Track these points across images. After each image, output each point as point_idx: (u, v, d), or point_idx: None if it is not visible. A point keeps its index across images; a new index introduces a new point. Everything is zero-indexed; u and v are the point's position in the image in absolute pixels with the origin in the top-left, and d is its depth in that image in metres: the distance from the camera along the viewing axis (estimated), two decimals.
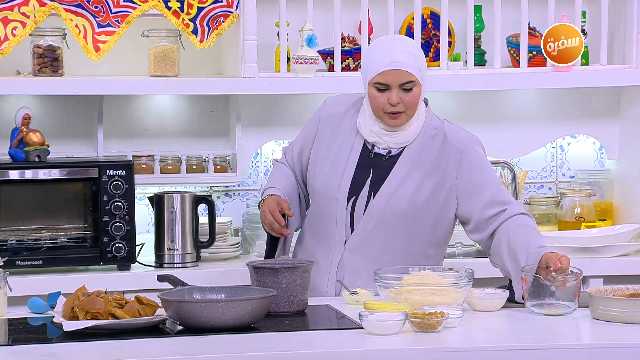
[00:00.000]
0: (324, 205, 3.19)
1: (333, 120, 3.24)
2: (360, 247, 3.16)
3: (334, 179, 3.18)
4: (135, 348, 2.59)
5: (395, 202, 3.14)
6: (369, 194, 3.15)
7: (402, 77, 3.09)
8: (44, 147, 3.87)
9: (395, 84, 3.09)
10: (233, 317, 2.70)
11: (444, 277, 2.91)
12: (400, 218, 3.14)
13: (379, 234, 3.15)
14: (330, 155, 3.21)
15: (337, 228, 3.17)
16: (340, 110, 3.25)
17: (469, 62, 4.16)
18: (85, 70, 4.03)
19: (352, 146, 3.19)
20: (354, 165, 3.18)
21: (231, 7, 3.99)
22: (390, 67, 3.08)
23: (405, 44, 3.15)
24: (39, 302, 3.01)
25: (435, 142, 3.18)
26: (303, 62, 4.00)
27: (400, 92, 3.10)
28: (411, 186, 3.15)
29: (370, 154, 3.18)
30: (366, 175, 3.17)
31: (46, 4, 3.86)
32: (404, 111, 3.12)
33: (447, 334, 2.69)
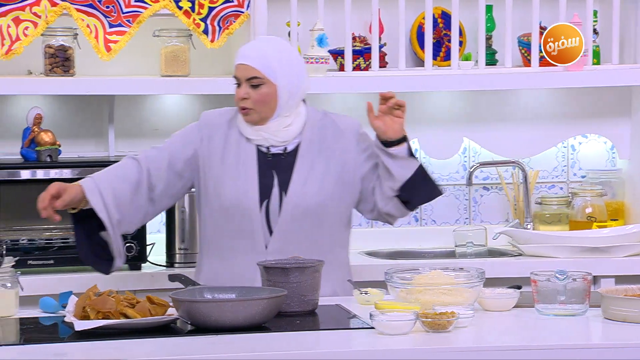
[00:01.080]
0: (235, 216, 3.15)
1: (219, 130, 3.22)
2: (283, 247, 3.16)
3: (240, 188, 3.16)
4: (146, 348, 2.59)
5: (307, 195, 3.16)
6: (280, 194, 3.17)
7: (246, 72, 3.15)
8: (56, 147, 3.88)
9: (242, 78, 3.17)
10: (244, 317, 2.70)
11: (455, 277, 2.91)
12: (315, 210, 3.17)
13: (298, 230, 3.16)
14: (228, 167, 3.18)
15: (255, 234, 3.16)
16: (222, 120, 3.25)
17: (480, 61, 4.15)
18: (97, 70, 4.04)
19: (245, 152, 3.19)
20: (254, 169, 3.17)
21: (242, 6, 3.99)
22: (239, 61, 3.17)
23: (267, 44, 3.21)
24: (51, 301, 3.01)
25: (328, 131, 3.23)
26: (314, 62, 4.00)
27: (248, 88, 3.15)
28: (318, 176, 3.18)
29: (268, 155, 3.19)
30: (272, 177, 3.18)
31: (58, 4, 3.87)
32: (252, 108, 3.15)
33: (458, 333, 2.68)
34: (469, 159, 4.39)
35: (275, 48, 3.19)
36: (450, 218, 4.38)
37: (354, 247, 4.19)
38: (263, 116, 3.16)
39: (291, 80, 3.17)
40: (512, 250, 4.16)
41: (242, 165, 3.18)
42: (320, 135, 3.21)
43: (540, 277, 2.90)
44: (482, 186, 4.42)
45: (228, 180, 3.17)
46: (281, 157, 3.19)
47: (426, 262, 3.89)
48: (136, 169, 3.21)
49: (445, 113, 4.34)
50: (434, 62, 4.20)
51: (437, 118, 4.34)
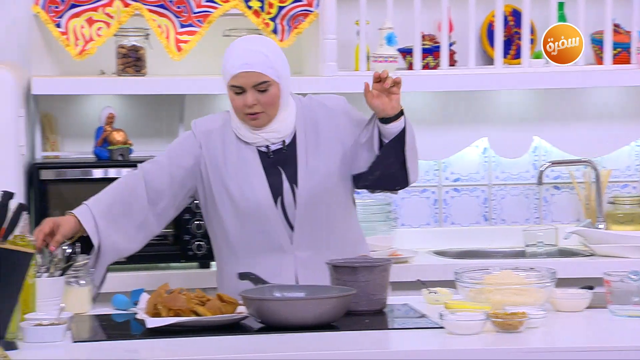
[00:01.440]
0: (253, 218, 3.12)
1: (214, 137, 3.17)
2: (306, 238, 3.14)
3: (252, 191, 3.12)
4: (216, 345, 2.61)
5: (317, 182, 3.14)
6: (292, 188, 3.14)
7: (253, 78, 3.07)
8: (127, 146, 3.93)
9: (248, 86, 3.08)
10: (313, 315, 2.71)
11: (526, 277, 2.88)
12: (327, 194, 3.14)
13: (316, 217, 3.14)
14: (234, 172, 3.14)
15: (278, 233, 3.13)
16: (215, 126, 3.19)
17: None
18: (167, 70, 4.08)
19: (246, 155, 3.15)
20: (260, 169, 3.14)
21: (311, 6, 4.00)
22: (241, 70, 3.07)
23: (259, 45, 3.13)
24: (123, 298, 3.05)
25: (319, 113, 3.19)
26: (382, 61, 3.99)
27: (256, 93, 3.08)
28: (322, 161, 3.15)
29: (269, 154, 3.16)
30: (278, 173, 3.15)
31: (130, 5, 3.91)
32: (263, 111, 3.11)
33: (529, 334, 2.66)
34: (540, 157, 4.34)
35: (267, 47, 3.13)
36: (520, 217, 4.34)
37: (423, 247, 4.20)
38: (271, 117, 3.13)
39: (287, 74, 3.15)
40: (584, 251, 4.10)
41: (248, 168, 3.14)
42: (312, 119, 3.19)
43: (614, 278, 2.86)
44: (553, 185, 4.37)
45: (237, 185, 3.13)
46: (283, 152, 3.17)
47: (496, 262, 3.86)
48: (136, 186, 3.14)
49: (516, 111, 4.30)
50: (504, 60, 4.17)
51: (507, 117, 4.30)
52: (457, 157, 4.32)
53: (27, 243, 2.74)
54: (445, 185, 4.34)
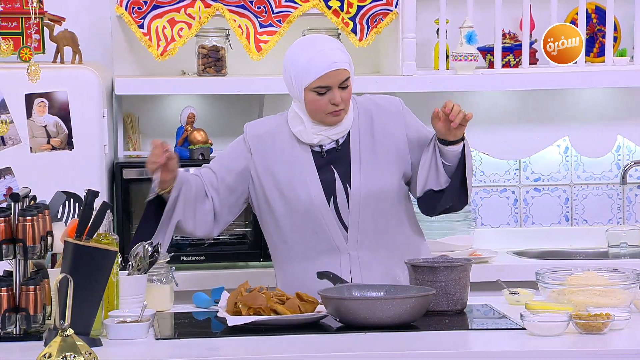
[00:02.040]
0: (307, 218, 3.11)
1: (266, 140, 3.17)
2: (361, 238, 3.12)
3: (305, 191, 3.11)
4: (296, 344, 2.62)
5: (370, 181, 3.12)
6: (345, 187, 3.12)
7: (341, 76, 3.09)
8: (208, 145, 3.96)
9: (336, 84, 3.08)
10: (392, 315, 2.70)
11: (609, 278, 2.84)
12: (381, 193, 3.12)
13: (370, 217, 3.12)
14: (284, 176, 3.14)
15: (332, 233, 3.12)
16: (267, 128, 3.19)
17: (636, 57, 4.04)
18: (247, 69, 4.10)
19: (299, 155, 3.14)
20: (313, 168, 3.13)
21: (391, 5, 3.99)
22: (331, 69, 3.07)
23: (333, 42, 3.14)
24: (204, 297, 3.08)
25: (374, 113, 3.18)
26: (462, 60, 3.96)
27: (340, 92, 3.09)
28: (375, 160, 3.14)
29: (322, 154, 3.14)
30: (331, 172, 3.13)
31: (211, 5, 3.95)
32: (343, 108, 3.11)
33: (613, 336, 2.61)
34: (623, 157, 4.27)
35: (338, 43, 3.17)
36: (602, 217, 4.28)
37: (502, 247, 4.16)
38: (347, 112, 3.16)
39: (353, 70, 3.17)
40: None
41: (301, 168, 3.15)
42: (367, 118, 3.19)
43: None
44: (636, 185, 4.29)
45: (290, 185, 3.14)
46: (336, 151, 3.16)
47: (579, 263, 3.81)
48: (201, 183, 3.18)
49: (598, 110, 4.23)
50: (587, 58, 4.11)
51: (590, 115, 4.24)
52: (537, 157, 4.28)
53: (111, 241, 2.79)
54: (526, 185, 4.29)
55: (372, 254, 3.12)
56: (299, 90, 3.13)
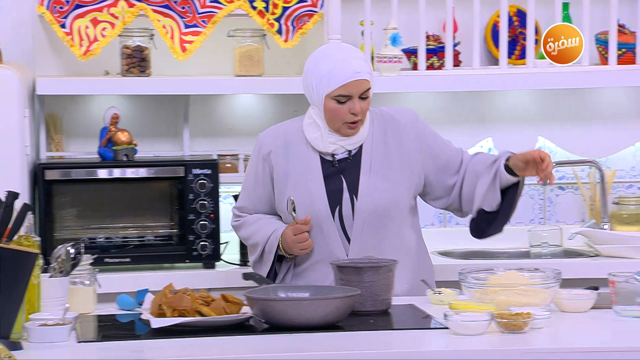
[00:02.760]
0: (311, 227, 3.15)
1: (280, 151, 3.20)
2: (364, 252, 3.14)
3: (310, 197, 3.14)
4: (221, 345, 2.61)
5: (377, 195, 3.14)
6: (351, 198, 3.15)
7: (363, 86, 3.10)
8: (132, 146, 3.93)
9: (357, 94, 3.10)
10: (318, 316, 2.70)
11: (531, 278, 2.88)
12: (387, 209, 3.15)
13: (374, 231, 3.15)
14: (294, 181, 3.17)
15: (333, 242, 3.15)
16: (278, 141, 3.22)
17: None
18: (172, 70, 4.08)
19: (310, 163, 3.17)
20: (320, 177, 3.15)
21: (316, 6, 4.00)
22: (355, 78, 3.08)
23: (356, 52, 3.16)
24: (127, 299, 3.05)
25: (388, 126, 3.20)
26: (387, 61, 3.99)
27: (360, 101, 3.11)
28: (385, 174, 3.16)
29: (334, 163, 3.16)
30: (340, 182, 3.16)
31: (134, 5, 3.91)
32: (361, 118, 3.13)
33: (534, 334, 2.65)
34: None
35: (362, 53, 3.18)
36: (524, 218, 4.34)
37: (427, 247, 4.19)
38: (364, 122, 3.17)
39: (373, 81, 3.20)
40: (589, 251, 4.10)
41: (309, 176, 3.16)
42: (381, 132, 3.20)
43: (619, 278, 2.86)
44: (557, 186, 4.36)
45: (297, 193, 3.16)
46: (348, 161, 3.18)
47: (501, 263, 3.86)
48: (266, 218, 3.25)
49: (520, 112, 4.29)
50: (509, 60, 4.16)
51: (512, 117, 4.30)
52: None
53: (32, 243, 2.75)
54: None
55: None
56: (319, 97, 3.12)
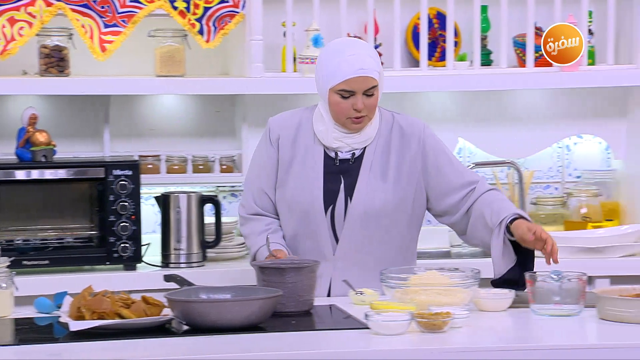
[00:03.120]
0: (302, 220, 3.17)
1: (287, 139, 3.22)
2: (349, 253, 3.17)
3: (306, 193, 3.16)
4: (141, 348, 2.59)
5: (371, 200, 3.16)
6: (346, 200, 3.16)
7: (367, 83, 3.11)
8: (51, 147, 3.88)
9: (361, 90, 3.11)
10: (239, 317, 2.70)
11: (450, 278, 2.91)
12: (380, 216, 3.17)
13: (363, 234, 3.17)
14: (295, 171, 3.19)
15: (322, 240, 3.17)
16: (290, 123, 3.23)
17: (475, 62, 4.16)
18: (92, 70, 4.04)
19: (313, 156, 3.19)
20: (320, 173, 3.17)
21: (237, 7, 3.99)
22: (358, 74, 3.09)
23: (366, 49, 3.16)
24: (46, 302, 3.01)
25: (394, 135, 3.22)
26: (309, 62, 4.00)
27: (363, 97, 3.11)
28: (383, 181, 3.18)
29: (335, 161, 3.18)
30: (338, 182, 3.18)
31: (53, 4, 3.86)
32: (366, 115, 3.14)
33: (453, 334, 2.68)
34: (464, 159, 4.39)
35: (373, 51, 3.17)
36: None
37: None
38: (370, 120, 3.16)
39: (384, 78, 3.19)
40: None
41: (309, 171, 3.17)
42: (386, 139, 3.21)
43: (536, 278, 2.91)
44: None
45: (294, 185, 3.17)
46: (348, 164, 3.18)
47: (422, 263, 3.89)
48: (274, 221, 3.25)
49: (441, 113, 4.34)
50: (429, 62, 4.20)
51: (432, 118, 4.34)
52: None
53: None
54: None
55: (356, 269, 3.14)
56: (325, 90, 3.13)
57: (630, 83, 4.19)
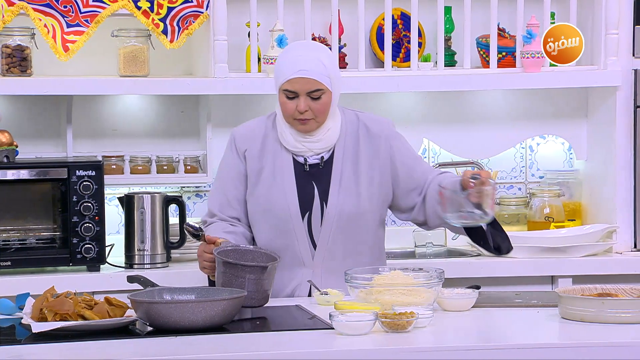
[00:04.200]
0: (276, 228, 3.16)
1: (254, 150, 3.21)
2: (327, 257, 3.18)
3: (280, 199, 3.16)
4: (104, 349, 2.58)
5: (346, 204, 3.17)
6: (321, 205, 3.17)
7: (309, 85, 3.10)
8: (13, 148, 3.85)
9: (303, 92, 3.11)
10: (203, 318, 2.69)
11: (414, 277, 2.92)
12: (354, 217, 3.18)
13: (340, 238, 3.18)
14: (265, 180, 3.18)
15: (300, 246, 3.17)
16: (255, 134, 3.23)
17: (439, 62, 4.17)
18: (54, 70, 4.01)
19: (282, 164, 3.19)
20: (292, 179, 3.17)
21: (201, 7, 3.98)
22: (298, 75, 3.09)
23: (316, 52, 3.15)
24: (8, 303, 2.99)
25: (361, 135, 3.22)
26: (273, 62, 3.99)
27: (308, 100, 3.11)
28: (354, 183, 3.19)
29: (305, 167, 3.18)
30: (311, 188, 3.18)
31: (15, 4, 3.83)
32: (313, 118, 3.14)
33: (417, 334, 2.69)
34: (429, 159, 4.40)
35: (325, 55, 3.15)
36: None
37: None
38: (320, 124, 3.15)
39: (340, 85, 3.18)
40: (471, 251, 4.18)
41: (282, 179, 3.16)
42: (353, 141, 3.21)
43: (446, 191, 2.97)
44: None
45: (268, 194, 3.16)
46: (319, 168, 3.18)
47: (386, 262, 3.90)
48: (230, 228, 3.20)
49: (405, 114, 4.35)
50: (394, 63, 4.22)
51: (397, 119, 4.33)
52: None
53: None
54: None
55: (334, 274, 3.13)
56: (276, 89, 3.14)
57: (592, 84, 4.22)
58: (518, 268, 3.99)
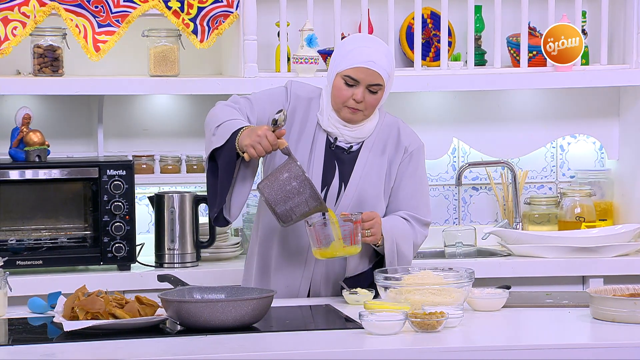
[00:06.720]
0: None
1: (303, 103, 3.22)
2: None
3: (304, 164, 3.16)
4: (135, 348, 2.59)
5: (364, 191, 3.18)
6: (340, 186, 3.17)
7: (372, 77, 3.12)
8: (44, 147, 3.87)
9: (365, 83, 3.12)
10: (233, 317, 2.70)
11: (444, 277, 2.91)
12: (367, 207, 3.17)
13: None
14: (301, 148, 3.19)
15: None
16: (307, 98, 3.23)
17: (469, 62, 4.16)
18: (85, 70, 4.03)
19: (317, 136, 3.19)
20: (321, 155, 3.18)
21: (231, 7, 3.99)
22: (365, 65, 3.11)
23: (384, 48, 3.18)
24: (39, 302, 3.01)
25: (392, 137, 3.24)
26: (303, 62, 4.00)
27: (365, 92, 3.12)
28: (374, 176, 3.20)
29: (332, 146, 3.19)
30: (333, 167, 3.19)
31: (46, 4, 3.86)
32: (362, 110, 3.15)
33: (447, 334, 2.69)
34: (458, 159, 4.39)
35: (390, 53, 3.19)
36: (439, 218, 4.39)
37: None
38: (366, 117, 3.17)
39: (391, 86, 3.21)
40: (502, 251, 4.16)
41: (314, 149, 3.18)
42: (383, 141, 3.22)
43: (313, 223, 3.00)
44: (471, 186, 4.42)
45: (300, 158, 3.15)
46: (343, 153, 3.19)
47: (415, 262, 3.89)
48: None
49: (435, 113, 4.34)
50: (423, 62, 4.21)
51: (427, 118, 4.35)
52: None
53: None
54: None
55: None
56: (333, 73, 3.14)
57: (623, 83, 4.20)
58: (549, 268, 3.97)
